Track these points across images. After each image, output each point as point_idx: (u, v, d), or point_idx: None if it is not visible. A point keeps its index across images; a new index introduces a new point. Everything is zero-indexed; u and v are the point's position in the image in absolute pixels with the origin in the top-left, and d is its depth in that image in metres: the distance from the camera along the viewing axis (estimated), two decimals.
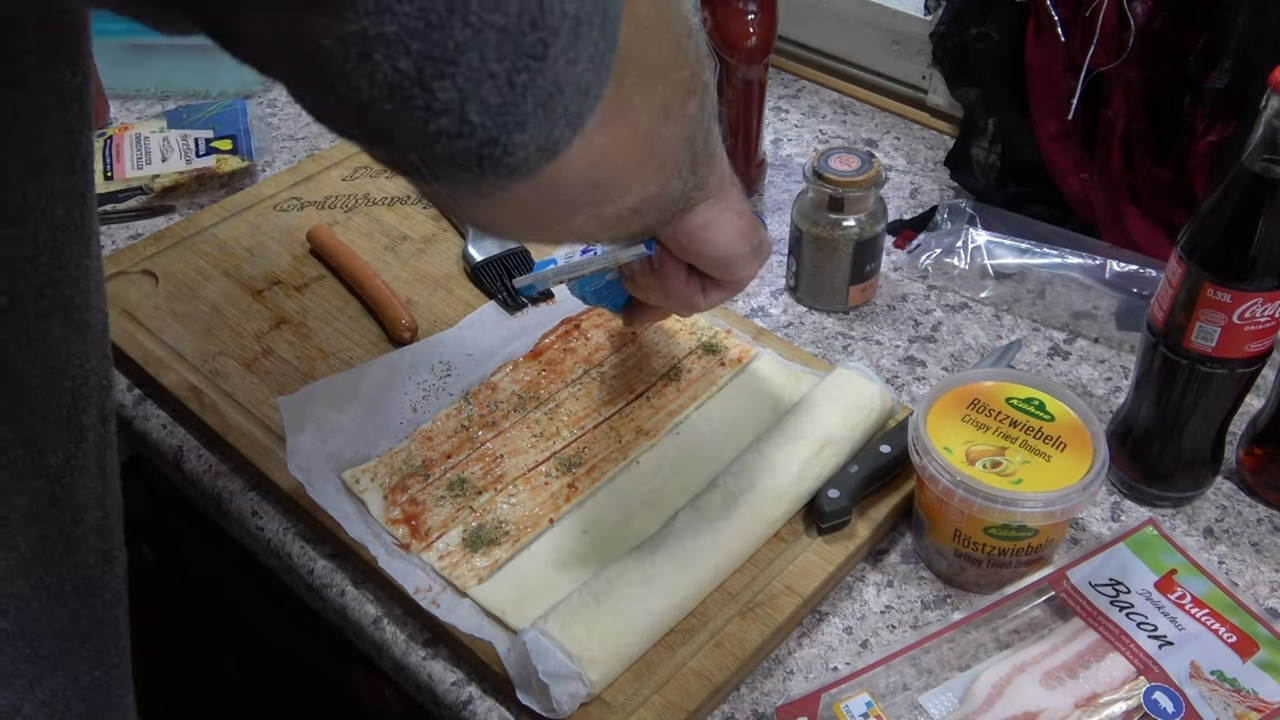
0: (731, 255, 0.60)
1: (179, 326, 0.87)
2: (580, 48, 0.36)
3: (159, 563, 1.10)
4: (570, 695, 0.60)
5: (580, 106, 0.38)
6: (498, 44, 0.34)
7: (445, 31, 0.33)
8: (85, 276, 0.49)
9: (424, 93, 0.34)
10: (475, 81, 0.34)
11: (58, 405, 0.49)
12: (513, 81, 0.35)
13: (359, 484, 0.73)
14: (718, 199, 0.58)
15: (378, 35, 0.32)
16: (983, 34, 0.98)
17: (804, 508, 0.72)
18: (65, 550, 0.52)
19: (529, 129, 0.37)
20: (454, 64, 0.34)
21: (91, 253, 0.49)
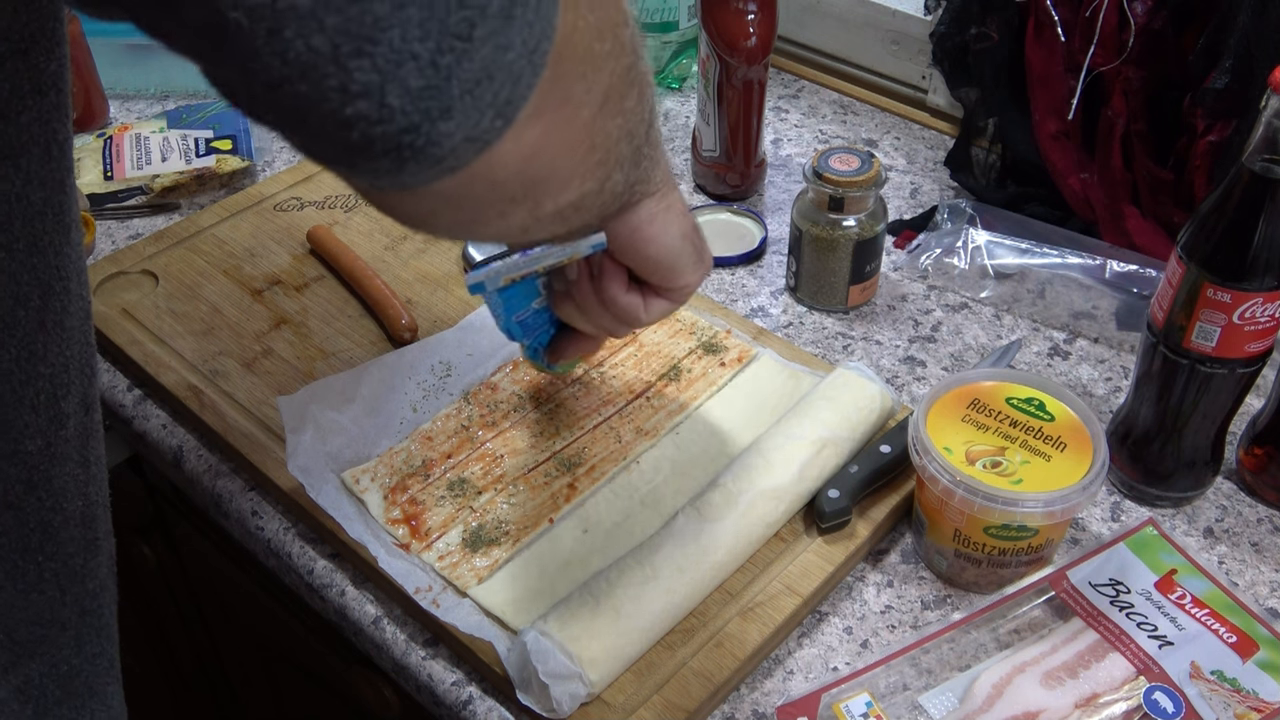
0: (675, 257, 0.58)
1: (179, 326, 0.87)
2: (512, 31, 0.34)
3: (159, 563, 1.10)
4: (570, 695, 0.60)
5: (512, 95, 0.36)
6: (421, 22, 0.32)
7: (363, 6, 0.31)
8: (65, 264, 0.49)
9: (340, 72, 0.31)
10: (395, 62, 0.32)
11: (35, 391, 0.49)
12: (437, 64, 0.33)
13: (359, 484, 0.73)
14: (662, 195, 0.55)
15: (289, 8, 0.30)
16: (983, 34, 0.98)
17: (804, 508, 0.72)
18: (44, 537, 0.52)
19: (454, 117, 0.34)
20: (373, 42, 0.31)
21: (72, 240, 0.49)
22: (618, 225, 0.55)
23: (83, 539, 0.55)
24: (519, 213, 0.44)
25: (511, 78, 0.35)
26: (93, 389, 0.54)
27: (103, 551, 0.57)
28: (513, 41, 0.34)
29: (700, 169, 1.04)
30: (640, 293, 0.60)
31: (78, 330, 0.51)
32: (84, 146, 1.06)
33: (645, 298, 0.60)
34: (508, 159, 0.39)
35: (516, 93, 0.36)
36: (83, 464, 0.54)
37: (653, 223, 0.55)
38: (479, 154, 0.37)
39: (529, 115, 0.38)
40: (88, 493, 0.55)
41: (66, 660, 0.55)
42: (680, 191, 0.58)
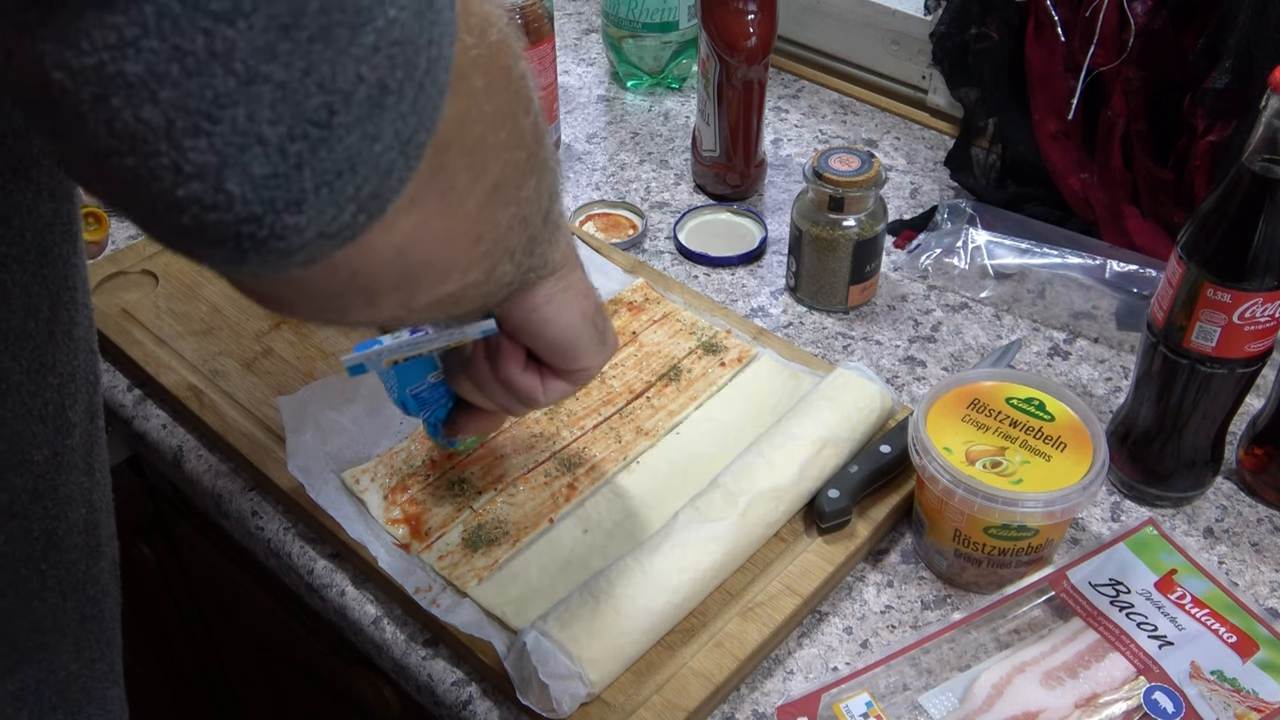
0: (573, 339, 0.54)
1: (179, 326, 0.87)
2: (383, 121, 0.31)
3: (159, 563, 1.10)
4: (570, 695, 0.60)
5: (379, 189, 0.32)
6: (272, 103, 0.28)
7: (204, 80, 0.27)
8: (72, 273, 0.49)
9: (172, 150, 0.28)
10: (238, 145, 0.28)
11: (44, 402, 0.49)
12: (286, 150, 0.29)
13: (359, 484, 0.73)
14: (561, 276, 0.52)
15: (117, 74, 0.27)
16: (983, 34, 0.98)
17: (804, 508, 0.72)
18: (47, 545, 0.52)
19: (305, 210, 0.30)
20: (212, 120, 0.28)
21: (78, 249, 0.50)
22: (512, 306, 0.52)
23: (86, 545, 0.55)
24: (390, 303, 0.40)
25: (379, 171, 0.32)
26: (97, 396, 0.54)
27: (105, 557, 0.57)
28: (383, 132, 0.31)
29: (700, 169, 1.04)
30: (539, 373, 0.57)
31: (84, 339, 0.51)
32: None
33: (544, 378, 0.57)
34: (376, 251, 0.35)
35: (385, 186, 0.33)
36: (87, 471, 0.54)
37: (550, 304, 0.52)
38: (339, 249, 0.33)
39: (402, 206, 0.34)
40: (92, 500, 0.55)
41: (65, 666, 0.55)
42: (583, 271, 0.55)
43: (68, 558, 0.53)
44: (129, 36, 0.26)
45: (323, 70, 0.29)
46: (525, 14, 0.98)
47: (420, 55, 0.31)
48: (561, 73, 1.23)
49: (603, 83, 1.23)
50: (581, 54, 1.28)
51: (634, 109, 1.18)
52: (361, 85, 0.29)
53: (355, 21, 0.29)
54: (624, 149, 1.12)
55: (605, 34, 1.19)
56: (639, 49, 1.17)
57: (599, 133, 1.14)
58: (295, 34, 0.28)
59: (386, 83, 0.30)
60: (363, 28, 0.29)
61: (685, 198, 1.05)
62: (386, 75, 0.30)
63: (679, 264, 0.97)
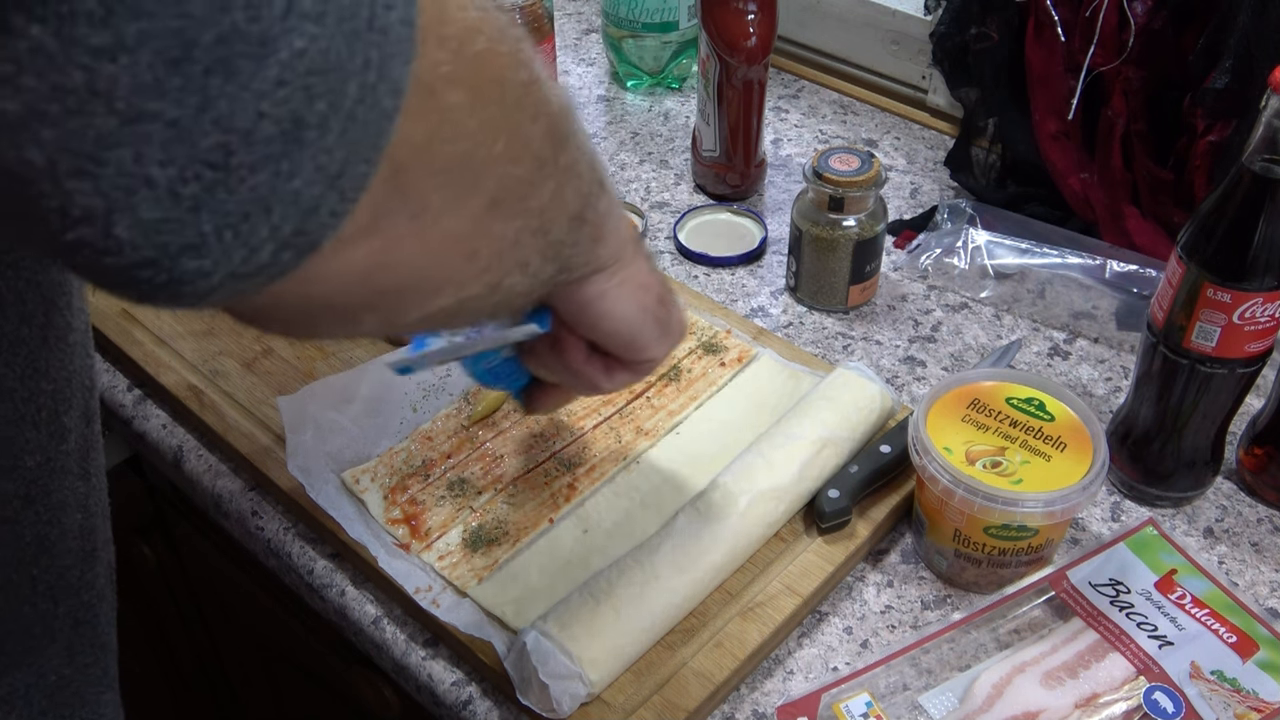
0: (632, 332, 0.53)
1: (179, 326, 0.87)
2: (300, 157, 0.28)
3: (159, 563, 1.10)
4: (570, 695, 0.60)
5: (304, 226, 0.30)
6: (162, 142, 0.26)
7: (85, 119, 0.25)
8: (67, 279, 0.49)
9: (58, 193, 0.26)
10: (124, 189, 0.27)
11: (37, 407, 0.49)
12: (177, 194, 0.27)
13: (359, 484, 0.73)
14: (614, 271, 0.50)
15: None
16: (983, 34, 0.98)
17: (804, 508, 0.72)
18: (39, 550, 0.52)
19: (207, 254, 0.28)
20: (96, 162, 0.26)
21: None
22: (564, 302, 0.51)
23: (80, 550, 0.54)
24: (370, 321, 0.38)
25: (299, 209, 0.29)
26: (93, 400, 0.54)
27: (100, 562, 0.57)
28: (300, 168, 0.29)
29: (700, 169, 1.04)
30: (603, 363, 0.55)
31: (79, 344, 0.51)
32: None
33: (608, 368, 0.56)
34: (331, 278, 0.33)
35: (312, 222, 0.30)
36: (83, 476, 0.54)
37: (603, 299, 0.51)
38: (268, 285, 0.31)
39: (358, 233, 0.32)
40: (87, 505, 0.54)
41: (56, 670, 0.55)
42: (646, 262, 0.53)
43: (60, 563, 0.53)
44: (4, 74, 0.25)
45: (219, 106, 0.27)
46: (525, 14, 0.98)
47: (349, 83, 0.29)
48: (561, 73, 1.23)
49: (603, 83, 1.23)
50: (581, 54, 1.28)
51: (634, 109, 1.18)
52: (264, 122, 0.27)
53: (258, 53, 0.27)
54: (624, 149, 1.12)
55: (605, 34, 1.19)
56: (639, 49, 1.17)
57: (599, 133, 1.14)
58: (186, 68, 0.26)
59: (302, 116, 0.28)
60: (265, 59, 0.27)
61: (685, 198, 1.05)
62: (301, 108, 0.28)
63: (679, 264, 0.97)
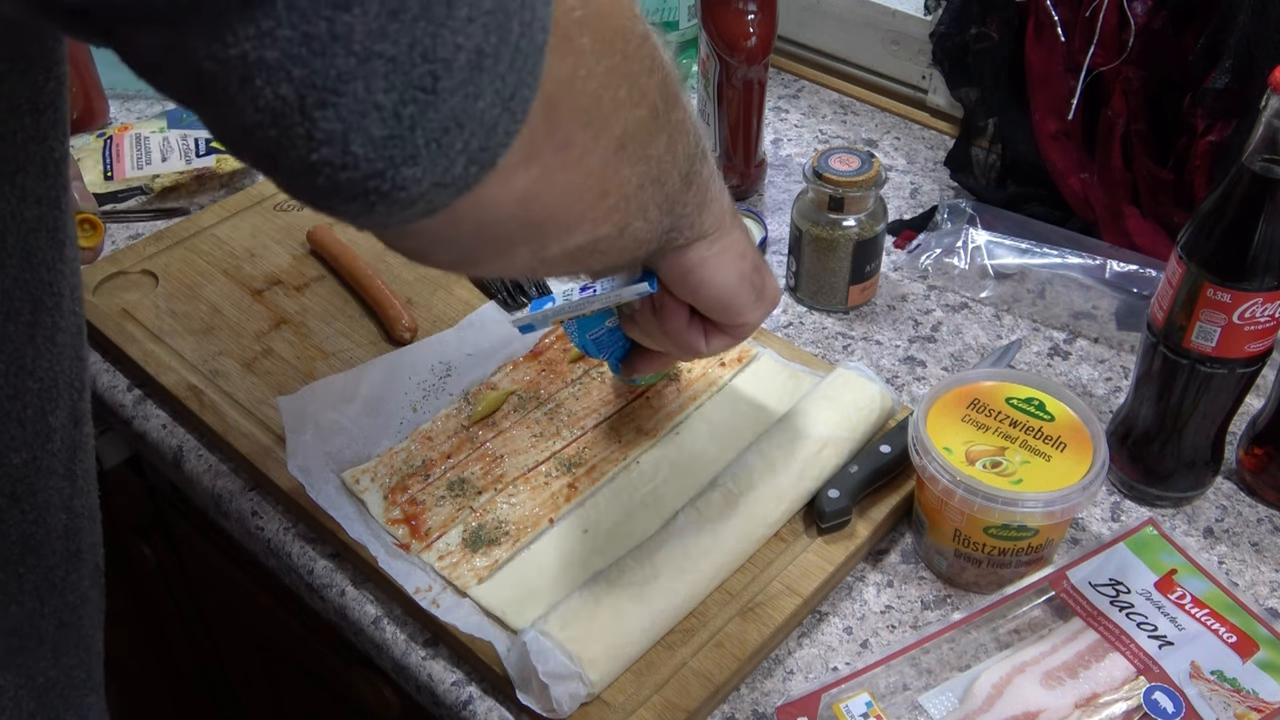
0: (730, 298, 0.58)
1: (179, 326, 0.87)
2: (482, 82, 0.34)
3: (159, 563, 1.10)
4: (570, 695, 0.60)
5: (487, 143, 0.36)
6: (385, 75, 0.32)
7: (328, 60, 0.32)
8: (58, 280, 0.49)
9: (306, 121, 0.33)
10: (359, 113, 0.33)
11: (23, 405, 0.49)
12: (399, 114, 0.33)
13: (359, 484, 0.73)
14: (715, 239, 0.56)
15: (259, 60, 0.31)
16: (983, 34, 0.98)
17: (804, 508, 0.72)
18: (24, 550, 0.52)
19: (420, 163, 0.35)
20: (336, 94, 0.32)
21: (66, 256, 0.49)
22: (669, 267, 0.56)
23: (65, 551, 0.54)
24: (521, 253, 0.44)
25: (484, 126, 0.35)
26: (82, 402, 0.54)
27: (85, 564, 0.57)
28: (484, 91, 0.34)
29: None
30: (702, 327, 0.61)
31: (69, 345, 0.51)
32: (84, 147, 1.06)
33: (707, 333, 0.61)
34: (496, 202, 0.39)
35: (493, 140, 0.36)
36: (69, 477, 0.54)
37: (704, 266, 0.56)
38: (456, 198, 0.37)
39: (518, 161, 0.38)
40: (73, 506, 0.54)
41: (43, 672, 0.55)
42: (742, 231, 0.58)
43: (46, 563, 0.53)
44: (265, 28, 0.31)
45: (425, 44, 0.32)
46: None
47: (513, 20, 0.34)
48: None
49: None
50: None
51: None
52: (460, 53, 0.33)
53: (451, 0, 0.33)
54: None
55: None
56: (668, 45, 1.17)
57: None
58: (402, 15, 0.32)
59: (483, 48, 0.34)
60: (457, 3, 0.33)
61: None
62: (482, 42, 0.33)
63: None
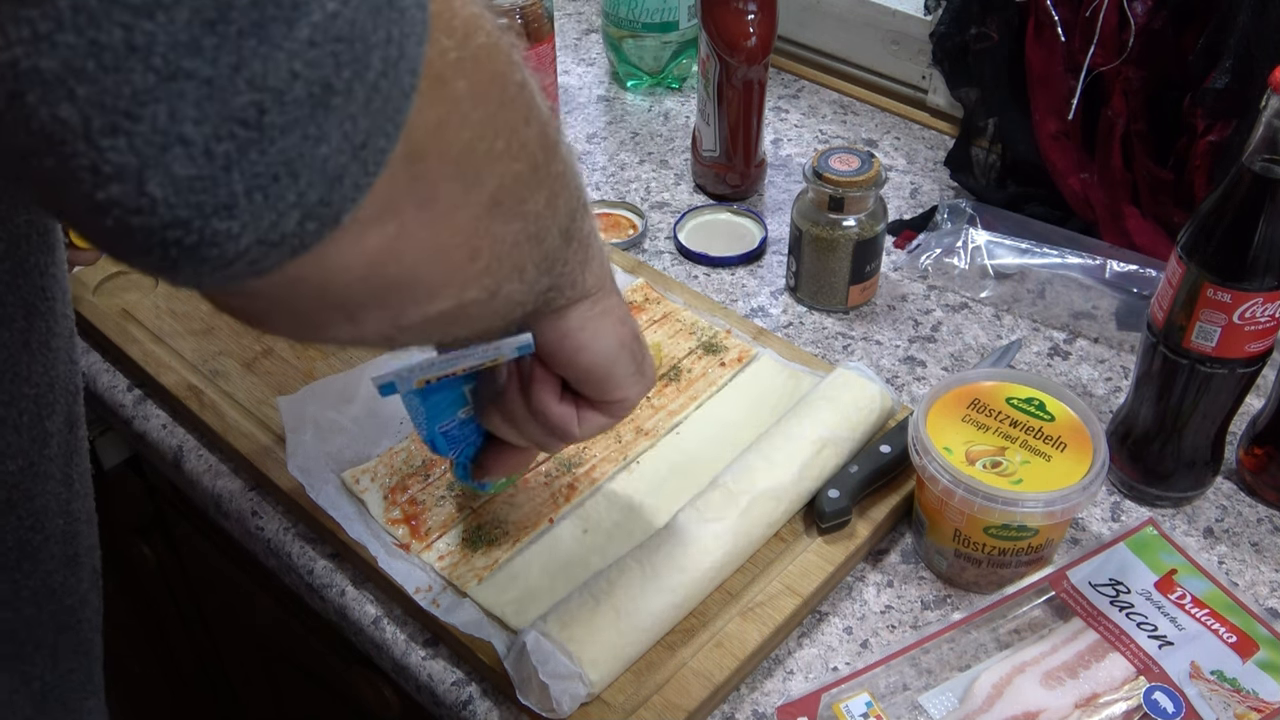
0: (608, 367, 0.53)
1: (179, 326, 0.87)
2: (327, 123, 0.29)
3: (159, 563, 1.10)
4: (570, 695, 0.60)
5: (329, 196, 0.30)
6: (196, 100, 0.27)
7: (122, 76, 0.26)
8: (51, 284, 0.49)
9: (91, 150, 0.27)
10: (159, 145, 0.27)
11: (19, 411, 0.49)
12: (211, 151, 0.28)
13: (359, 484, 0.73)
14: (597, 300, 0.51)
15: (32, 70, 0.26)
16: (983, 34, 0.98)
17: (804, 508, 0.72)
18: (21, 555, 0.52)
19: (238, 215, 0.29)
20: (131, 118, 0.26)
21: (57, 260, 0.49)
22: (545, 330, 0.50)
23: (63, 555, 0.54)
24: (373, 320, 0.38)
25: (326, 176, 0.30)
26: (77, 406, 0.54)
27: (84, 567, 0.57)
28: (328, 134, 0.29)
29: (700, 169, 1.04)
30: (574, 404, 0.55)
31: (63, 349, 0.51)
32: None
33: (580, 410, 0.55)
34: (344, 264, 0.33)
35: (337, 194, 0.31)
36: (65, 482, 0.53)
37: (583, 329, 0.51)
38: (290, 258, 0.31)
39: (373, 216, 0.33)
40: (70, 510, 0.54)
41: (40, 676, 0.55)
42: (620, 296, 0.54)
43: (44, 567, 0.53)
44: (43, 31, 0.25)
45: (253, 66, 0.27)
46: (525, 14, 0.98)
47: (373, 54, 0.29)
48: (561, 73, 1.23)
49: (603, 83, 1.23)
50: (581, 54, 1.28)
51: (634, 109, 1.18)
52: (297, 83, 0.28)
53: (290, 16, 0.27)
54: (624, 149, 1.12)
55: (605, 34, 1.19)
56: (639, 49, 1.17)
57: (599, 133, 1.14)
58: (221, 28, 0.27)
59: (330, 81, 0.29)
60: (298, 21, 0.28)
61: (685, 198, 1.05)
62: (330, 73, 0.29)
63: (679, 264, 0.97)
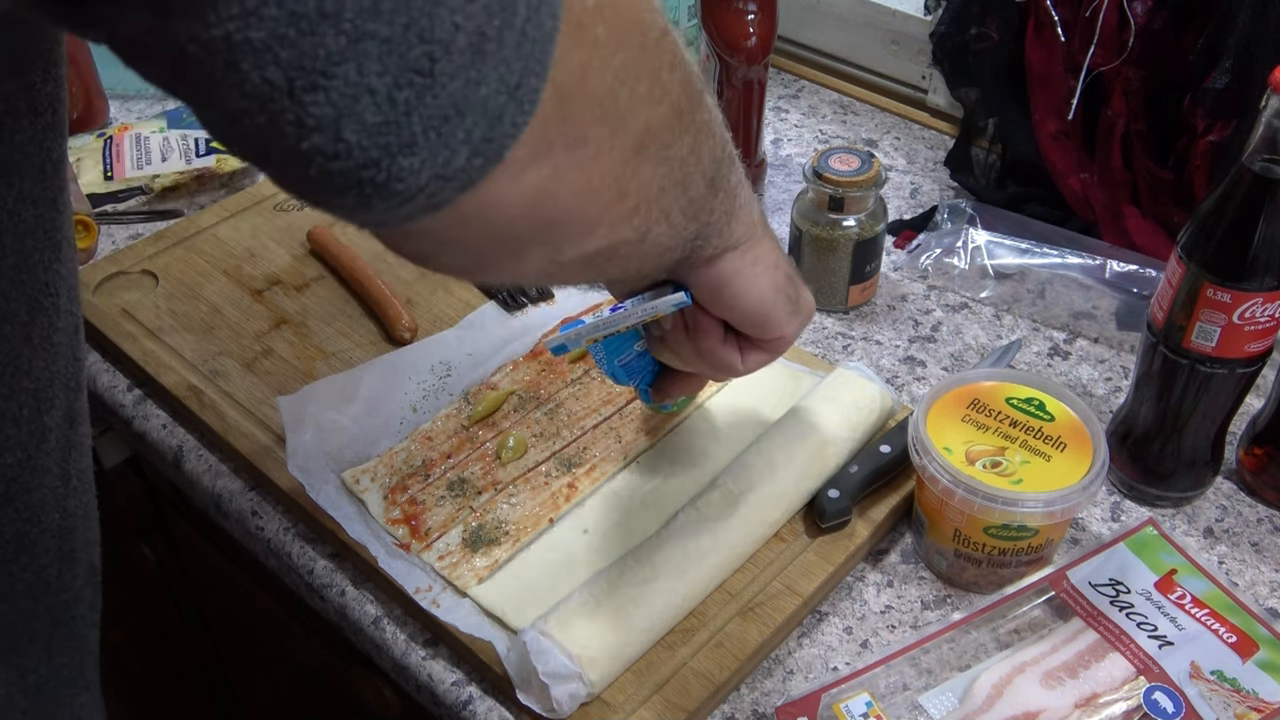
0: (765, 311, 0.56)
1: (179, 326, 0.87)
2: (485, 67, 0.32)
3: (159, 563, 1.10)
4: (570, 695, 0.60)
5: (491, 133, 0.34)
6: (378, 56, 0.31)
7: (317, 40, 0.30)
8: (55, 280, 0.49)
9: (295, 106, 0.31)
10: (351, 97, 0.31)
11: (18, 405, 0.49)
12: (394, 99, 0.31)
13: (359, 484, 0.73)
14: (747, 249, 0.53)
15: (243, 41, 0.29)
16: (983, 34, 0.98)
17: (804, 508, 0.72)
18: (17, 549, 0.52)
19: (418, 152, 0.33)
20: (327, 76, 0.30)
21: (63, 257, 0.49)
22: (700, 281, 0.54)
23: (59, 550, 0.55)
24: (535, 256, 0.42)
25: (488, 115, 0.33)
26: (78, 402, 0.54)
27: (80, 563, 0.57)
28: (486, 77, 0.33)
29: None
30: (737, 344, 0.58)
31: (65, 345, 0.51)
32: (84, 147, 1.06)
33: (742, 349, 0.59)
34: (506, 201, 0.37)
35: (498, 131, 0.34)
36: (63, 477, 0.54)
37: (738, 277, 0.54)
38: (460, 193, 0.35)
39: (528, 156, 0.36)
40: (66, 505, 0.54)
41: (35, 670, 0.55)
42: (774, 242, 0.56)
43: (39, 561, 0.53)
44: (250, 7, 0.29)
45: (422, 23, 0.31)
46: None
47: (518, 3, 0.32)
48: None
49: None
50: None
51: None
52: (459, 34, 0.31)
53: None
54: None
55: None
56: None
57: None
58: None
59: (484, 30, 0.32)
60: None
61: None
62: (484, 23, 0.32)
63: None
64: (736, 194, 0.51)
